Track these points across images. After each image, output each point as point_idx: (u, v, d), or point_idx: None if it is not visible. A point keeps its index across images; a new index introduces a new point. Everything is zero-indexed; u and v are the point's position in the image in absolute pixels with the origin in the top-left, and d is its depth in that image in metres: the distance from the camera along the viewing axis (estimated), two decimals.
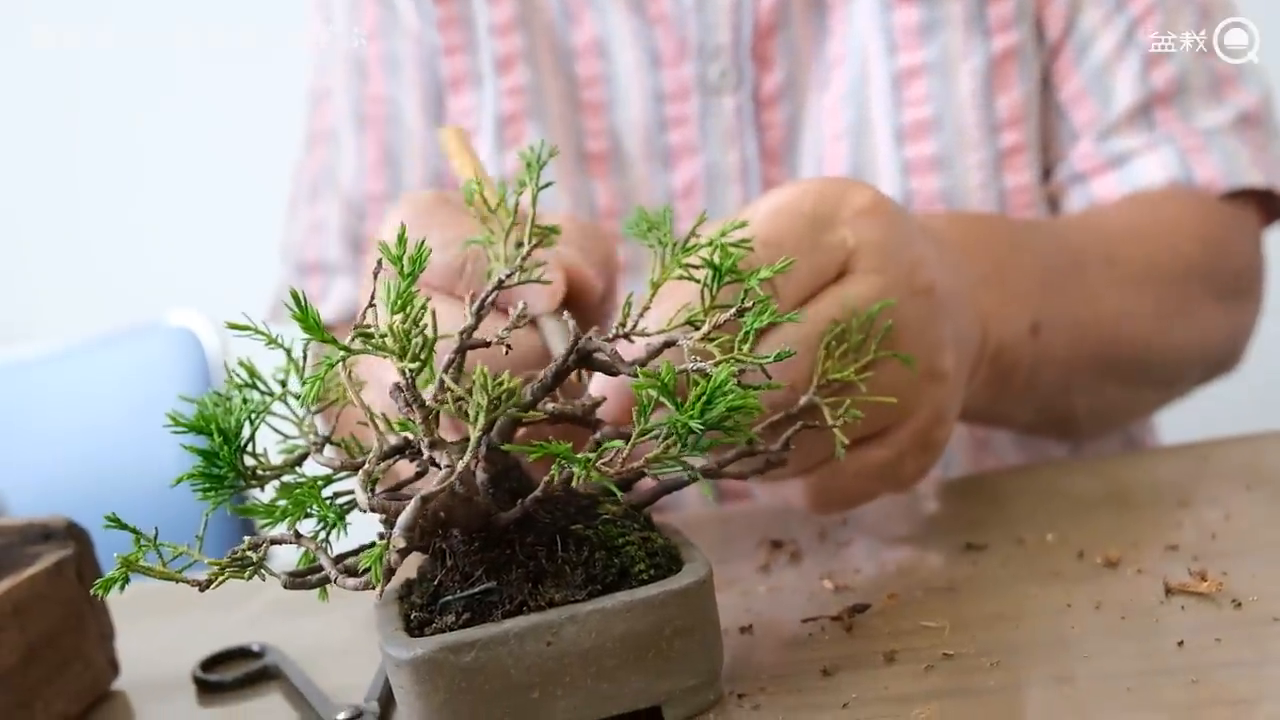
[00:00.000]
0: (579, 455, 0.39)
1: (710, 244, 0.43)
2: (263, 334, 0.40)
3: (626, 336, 0.43)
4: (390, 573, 0.37)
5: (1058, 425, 0.67)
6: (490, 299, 0.44)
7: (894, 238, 0.50)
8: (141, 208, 1.94)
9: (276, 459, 0.45)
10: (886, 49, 0.77)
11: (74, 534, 0.51)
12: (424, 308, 0.40)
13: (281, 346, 0.40)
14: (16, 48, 1.87)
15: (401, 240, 0.40)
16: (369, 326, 0.40)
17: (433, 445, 0.40)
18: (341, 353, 0.40)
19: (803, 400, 0.44)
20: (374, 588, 0.37)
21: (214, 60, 1.77)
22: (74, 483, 1.34)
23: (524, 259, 0.44)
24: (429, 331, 0.40)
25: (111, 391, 1.41)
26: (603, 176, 0.82)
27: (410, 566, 0.43)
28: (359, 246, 0.90)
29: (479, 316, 0.44)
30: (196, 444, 0.42)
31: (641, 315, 0.43)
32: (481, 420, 0.39)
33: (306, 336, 0.40)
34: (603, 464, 0.39)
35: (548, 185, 0.43)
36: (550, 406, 0.45)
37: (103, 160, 1.94)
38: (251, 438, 0.44)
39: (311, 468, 0.45)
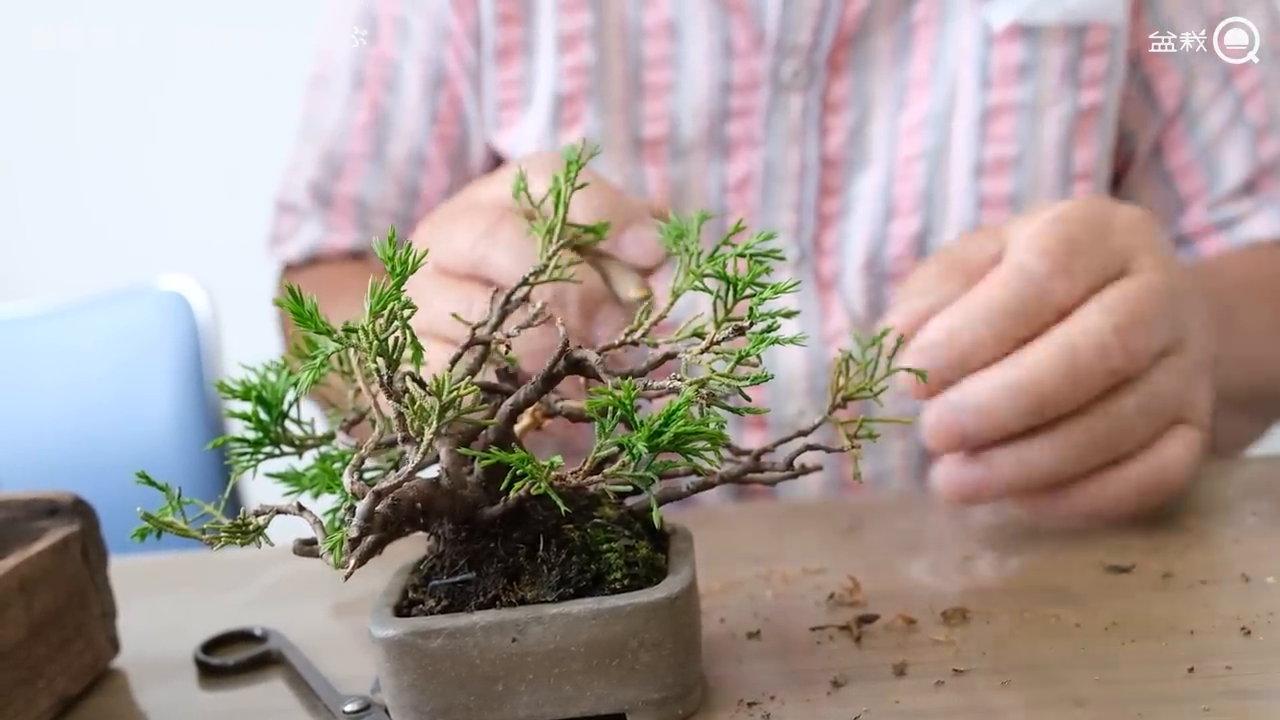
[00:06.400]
0: (534, 464, 0.38)
1: (736, 255, 0.42)
2: (321, 326, 0.38)
3: (634, 343, 0.43)
4: (366, 556, 0.38)
5: None
6: (516, 295, 0.44)
7: (1166, 244, 0.55)
8: (135, 173, 1.93)
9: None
10: (980, 83, 0.78)
11: (80, 510, 0.51)
12: (408, 305, 0.40)
13: (337, 332, 0.39)
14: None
15: (391, 240, 0.39)
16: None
17: (405, 440, 0.40)
18: (334, 344, 0.39)
19: (818, 420, 0.44)
20: (340, 569, 0.37)
21: (211, 29, 1.76)
22: (61, 440, 1.33)
23: (552, 255, 0.44)
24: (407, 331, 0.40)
25: (101, 352, 1.39)
26: (656, 163, 0.81)
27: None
28: (327, 201, 0.91)
29: (504, 312, 0.44)
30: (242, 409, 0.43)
31: (654, 322, 0.43)
32: (434, 423, 0.39)
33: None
34: (558, 475, 0.39)
35: (583, 186, 0.43)
36: (561, 404, 0.45)
37: (99, 125, 1.92)
38: (295, 404, 0.44)
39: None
